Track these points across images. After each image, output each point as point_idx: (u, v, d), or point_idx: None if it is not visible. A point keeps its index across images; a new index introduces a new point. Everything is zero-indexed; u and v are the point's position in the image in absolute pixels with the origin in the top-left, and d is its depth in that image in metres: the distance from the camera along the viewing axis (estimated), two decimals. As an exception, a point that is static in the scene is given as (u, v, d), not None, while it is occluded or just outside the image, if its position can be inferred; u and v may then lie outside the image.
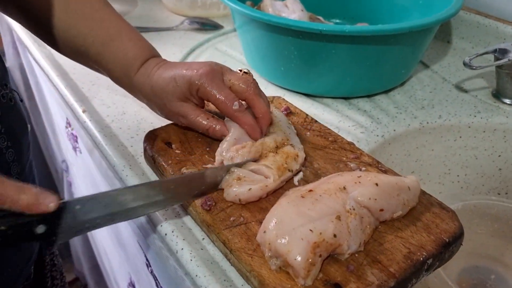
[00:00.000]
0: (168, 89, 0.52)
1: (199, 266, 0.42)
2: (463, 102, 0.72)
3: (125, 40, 0.55)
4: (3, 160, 0.52)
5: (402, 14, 0.84)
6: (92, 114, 0.65)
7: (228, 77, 0.52)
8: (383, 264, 0.39)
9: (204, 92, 0.51)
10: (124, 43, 0.54)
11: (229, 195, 0.46)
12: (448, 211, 0.45)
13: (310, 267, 0.37)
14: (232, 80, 0.52)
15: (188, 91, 0.51)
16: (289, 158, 0.50)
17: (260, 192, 0.46)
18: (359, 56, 0.65)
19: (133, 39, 0.55)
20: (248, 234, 0.42)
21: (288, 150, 0.51)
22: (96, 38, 0.54)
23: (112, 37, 0.54)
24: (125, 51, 0.54)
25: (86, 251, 1.37)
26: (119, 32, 0.55)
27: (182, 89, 0.51)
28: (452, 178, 0.72)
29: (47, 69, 0.79)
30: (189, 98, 0.52)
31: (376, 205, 0.42)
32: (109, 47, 0.54)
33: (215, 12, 1.01)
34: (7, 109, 0.53)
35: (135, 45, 0.55)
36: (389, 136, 0.64)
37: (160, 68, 0.54)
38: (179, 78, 0.51)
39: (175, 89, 0.51)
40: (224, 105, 0.50)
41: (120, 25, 0.56)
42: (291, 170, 0.49)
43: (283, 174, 0.48)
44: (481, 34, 0.86)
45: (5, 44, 1.31)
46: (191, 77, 0.51)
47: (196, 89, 0.51)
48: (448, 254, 0.43)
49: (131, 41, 0.55)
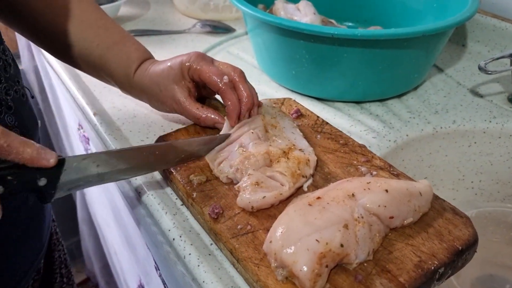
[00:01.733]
0: (164, 74, 0.56)
1: (206, 272, 0.42)
2: (478, 107, 0.70)
3: (128, 44, 0.60)
4: None
5: (416, 17, 0.83)
6: (103, 117, 0.66)
7: (216, 62, 0.56)
8: (392, 274, 0.38)
9: (194, 70, 0.55)
10: (127, 47, 0.60)
11: (243, 201, 0.45)
12: (462, 217, 0.44)
13: (316, 278, 0.36)
14: (220, 65, 0.56)
15: (181, 73, 0.55)
16: (301, 163, 0.49)
17: (273, 200, 0.45)
18: (371, 60, 0.64)
19: (134, 44, 0.61)
20: (255, 243, 0.42)
21: (298, 155, 0.50)
22: (101, 42, 0.59)
23: (115, 41, 0.59)
24: (128, 54, 0.59)
25: (97, 251, 1.38)
26: (122, 37, 0.60)
27: (175, 72, 0.55)
28: (467, 184, 0.70)
29: (60, 71, 0.79)
30: (182, 81, 0.56)
31: (386, 213, 0.41)
32: (113, 50, 0.59)
33: (227, 15, 1.01)
34: (20, 103, 0.56)
35: (137, 49, 0.60)
36: (401, 141, 0.63)
37: (156, 63, 0.59)
38: (172, 63, 0.56)
39: (169, 72, 0.56)
40: (213, 79, 0.54)
41: (121, 31, 0.61)
42: (305, 176, 0.49)
43: (298, 181, 0.48)
44: (497, 37, 0.84)
45: (21, 47, 1.33)
46: (182, 59, 0.56)
47: (188, 68, 0.55)
48: (461, 262, 0.42)
49: (133, 45, 0.60)
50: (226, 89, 0.53)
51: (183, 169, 0.51)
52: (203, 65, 0.54)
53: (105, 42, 0.59)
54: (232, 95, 0.54)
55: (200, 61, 0.55)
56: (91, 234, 1.39)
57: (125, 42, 0.60)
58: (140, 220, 0.55)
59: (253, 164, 0.48)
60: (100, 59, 0.59)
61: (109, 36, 0.59)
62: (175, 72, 0.55)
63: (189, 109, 0.56)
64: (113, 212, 0.94)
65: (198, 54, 0.56)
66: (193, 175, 0.49)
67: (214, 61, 0.57)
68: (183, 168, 0.51)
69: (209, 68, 0.54)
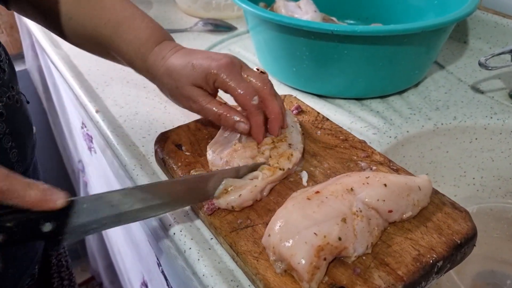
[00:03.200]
0: (183, 72, 0.51)
1: (206, 266, 0.42)
2: (479, 103, 0.70)
3: (137, 23, 0.54)
4: (7, 159, 0.53)
5: (417, 14, 0.83)
6: (105, 114, 0.66)
7: (245, 72, 0.51)
8: (391, 267, 0.38)
9: (222, 83, 0.49)
10: (136, 25, 0.54)
11: (221, 204, 0.45)
12: (461, 211, 0.44)
13: (314, 271, 0.36)
14: (250, 76, 0.51)
15: (205, 79, 0.50)
16: (283, 157, 0.50)
17: (251, 195, 0.45)
18: (372, 56, 0.64)
19: (145, 21, 0.55)
20: (254, 236, 0.42)
21: (283, 149, 0.51)
22: (108, 21, 0.54)
23: (124, 19, 0.54)
24: (137, 32, 0.54)
25: (101, 250, 1.39)
26: (131, 15, 0.55)
27: (199, 76, 0.50)
28: (468, 180, 0.70)
29: (62, 70, 0.80)
30: (203, 86, 0.51)
31: (384, 207, 0.42)
32: (122, 29, 0.54)
33: (229, 13, 1.01)
34: (13, 110, 0.54)
35: (147, 27, 0.55)
36: (402, 137, 0.63)
37: (177, 52, 0.53)
38: (197, 64, 0.50)
39: (191, 73, 0.50)
40: (243, 97, 0.49)
41: (132, 9, 0.56)
42: (282, 168, 0.49)
43: (274, 173, 0.48)
44: (498, 34, 0.84)
45: (25, 47, 1.34)
46: (210, 66, 0.49)
47: (214, 79, 0.50)
48: (460, 256, 0.42)
49: (143, 22, 0.55)
50: (254, 111, 0.49)
51: (184, 164, 0.51)
52: (232, 79, 0.49)
53: (113, 21, 0.54)
54: (259, 117, 0.50)
55: (229, 73, 0.49)
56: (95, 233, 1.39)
57: (135, 20, 0.55)
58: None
59: (240, 155, 0.49)
60: (109, 39, 0.55)
61: (117, 14, 0.54)
62: (198, 76, 0.50)
63: (209, 107, 0.51)
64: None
65: (227, 63, 0.49)
66: (194, 170, 0.50)
67: (243, 69, 0.51)
68: (184, 163, 0.51)
69: (239, 85, 0.49)
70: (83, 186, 1.31)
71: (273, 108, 0.51)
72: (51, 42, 0.88)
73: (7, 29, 1.40)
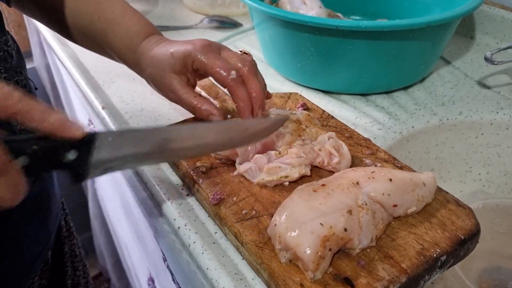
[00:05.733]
0: (164, 61, 0.52)
1: (210, 260, 0.43)
2: (485, 98, 0.70)
3: (128, 18, 0.57)
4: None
5: (423, 10, 0.82)
6: (111, 111, 0.67)
7: (224, 53, 0.52)
8: (395, 260, 0.39)
9: (200, 63, 0.50)
10: (127, 21, 0.57)
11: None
12: (465, 208, 0.44)
13: (319, 261, 0.36)
14: (228, 56, 0.52)
15: (183, 63, 0.51)
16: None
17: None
18: (376, 52, 0.64)
19: (136, 16, 0.58)
20: (259, 227, 0.42)
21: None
22: (101, 16, 0.57)
23: (116, 15, 0.57)
24: (127, 27, 0.56)
25: (109, 246, 1.40)
26: (123, 11, 0.57)
27: (177, 61, 0.51)
28: (474, 176, 0.70)
29: (69, 67, 0.81)
30: (183, 71, 0.52)
31: (389, 201, 0.42)
32: (114, 24, 0.56)
33: (234, 10, 1.01)
34: None
35: (137, 22, 0.57)
36: (407, 133, 0.63)
37: (161, 44, 0.55)
38: (175, 51, 0.52)
39: (170, 61, 0.52)
40: (220, 74, 0.49)
41: (123, 6, 0.58)
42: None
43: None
44: (505, 29, 0.83)
45: (33, 45, 1.35)
46: (187, 49, 0.51)
47: (192, 60, 0.51)
48: (463, 251, 0.42)
49: (134, 18, 0.57)
50: (234, 84, 0.49)
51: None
52: (209, 57, 0.50)
53: (105, 16, 0.57)
54: (241, 90, 0.49)
55: (206, 52, 0.50)
56: (103, 230, 1.40)
57: (126, 16, 0.57)
58: (148, 211, 0.56)
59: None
60: (101, 33, 0.57)
61: (110, 10, 0.57)
62: (176, 62, 0.51)
63: (185, 98, 0.52)
64: (123, 206, 0.95)
65: (204, 43, 0.51)
66: (199, 162, 0.50)
67: (222, 50, 0.53)
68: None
69: (216, 62, 0.50)
70: (91, 182, 1.33)
71: (253, 87, 0.50)
72: (58, 41, 0.89)
73: (15, 27, 1.42)
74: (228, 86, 0.50)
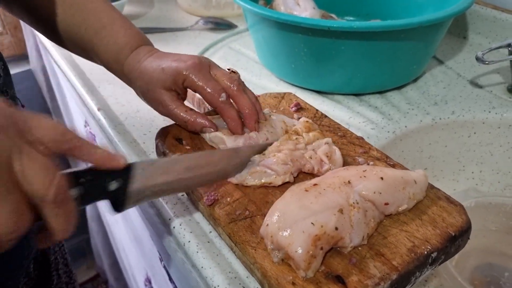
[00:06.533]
0: (154, 76, 0.53)
1: (205, 258, 0.43)
2: (478, 97, 0.71)
3: (116, 28, 0.56)
4: None
5: (417, 10, 0.83)
6: (107, 112, 0.67)
7: (214, 72, 0.53)
8: (386, 257, 0.39)
9: (191, 83, 0.51)
10: (115, 31, 0.56)
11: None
12: (456, 205, 0.45)
13: (311, 260, 0.37)
14: (217, 75, 0.53)
15: (173, 80, 0.52)
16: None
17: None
18: (369, 52, 0.65)
19: (124, 27, 0.57)
20: (252, 227, 0.43)
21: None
22: (89, 26, 0.56)
23: (104, 24, 0.56)
24: (115, 38, 0.56)
25: (106, 248, 1.40)
26: (111, 21, 0.57)
27: (168, 78, 0.52)
28: (467, 174, 0.71)
29: (65, 69, 0.81)
30: (173, 88, 0.53)
31: (380, 199, 0.42)
32: (101, 34, 0.56)
33: (229, 12, 1.02)
34: None
35: (125, 32, 0.57)
36: (400, 132, 0.64)
37: (151, 56, 0.55)
38: (166, 67, 0.52)
39: (160, 76, 0.52)
40: (211, 95, 0.51)
41: (112, 14, 0.58)
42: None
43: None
44: (498, 29, 0.84)
45: (29, 48, 1.35)
46: (178, 67, 0.51)
47: (183, 79, 0.52)
48: (454, 248, 0.42)
49: (122, 28, 0.57)
50: (224, 106, 0.51)
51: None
52: (200, 78, 0.51)
53: (93, 26, 0.56)
54: (231, 111, 0.52)
55: (197, 73, 0.51)
56: (100, 231, 1.41)
57: (114, 25, 0.56)
58: (144, 212, 0.57)
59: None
60: (90, 43, 0.57)
61: (97, 20, 0.56)
62: (167, 78, 0.52)
63: (176, 112, 0.53)
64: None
65: (195, 64, 0.52)
66: None
67: (212, 68, 0.53)
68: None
69: (207, 83, 0.51)
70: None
71: (243, 104, 0.52)
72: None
73: (11, 29, 1.42)
74: (218, 108, 0.52)
